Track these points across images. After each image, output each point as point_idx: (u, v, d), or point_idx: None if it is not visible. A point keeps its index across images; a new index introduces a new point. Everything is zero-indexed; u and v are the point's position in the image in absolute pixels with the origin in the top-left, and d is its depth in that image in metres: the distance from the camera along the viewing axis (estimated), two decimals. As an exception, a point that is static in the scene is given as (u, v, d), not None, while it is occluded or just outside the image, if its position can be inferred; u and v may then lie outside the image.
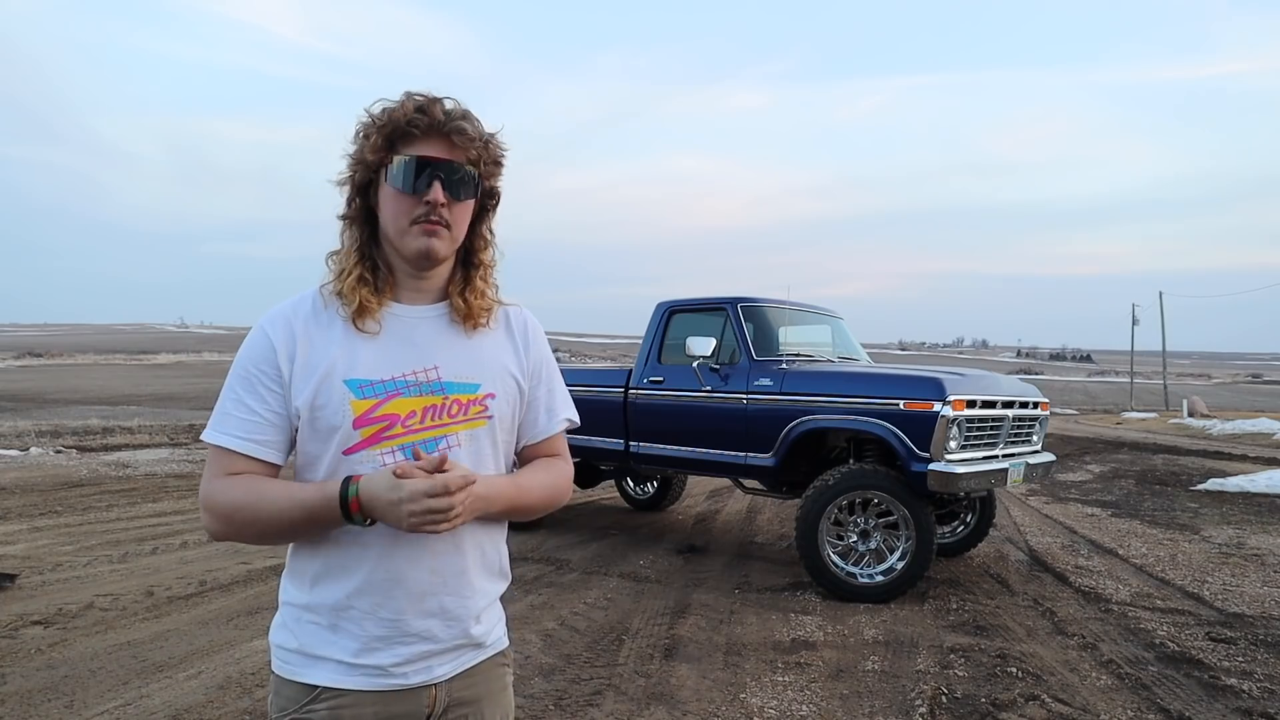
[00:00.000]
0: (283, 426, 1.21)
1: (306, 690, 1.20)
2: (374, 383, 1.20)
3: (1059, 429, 20.19)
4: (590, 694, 3.51)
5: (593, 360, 44.92)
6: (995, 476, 5.14)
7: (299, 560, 1.24)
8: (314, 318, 1.23)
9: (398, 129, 1.18)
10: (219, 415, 1.21)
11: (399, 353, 1.23)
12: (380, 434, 1.20)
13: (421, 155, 1.18)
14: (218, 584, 5.18)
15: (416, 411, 1.22)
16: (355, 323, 1.21)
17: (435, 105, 1.19)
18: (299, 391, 1.19)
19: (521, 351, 1.35)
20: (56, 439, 13.74)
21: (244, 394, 1.20)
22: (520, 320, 1.38)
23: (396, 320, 1.25)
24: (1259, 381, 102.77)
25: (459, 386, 1.25)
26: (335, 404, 1.18)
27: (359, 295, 1.21)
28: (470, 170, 1.22)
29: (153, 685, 3.50)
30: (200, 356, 79.70)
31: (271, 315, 1.23)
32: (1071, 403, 41.74)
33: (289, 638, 1.23)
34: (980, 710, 3.39)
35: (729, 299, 6.18)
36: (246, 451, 1.19)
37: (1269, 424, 19.52)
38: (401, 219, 1.20)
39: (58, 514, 7.48)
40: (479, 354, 1.29)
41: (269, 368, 1.20)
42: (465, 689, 1.29)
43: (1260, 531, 7.41)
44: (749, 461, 5.78)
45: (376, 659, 1.21)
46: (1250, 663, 3.99)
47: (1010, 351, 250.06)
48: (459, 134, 1.19)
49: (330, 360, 1.20)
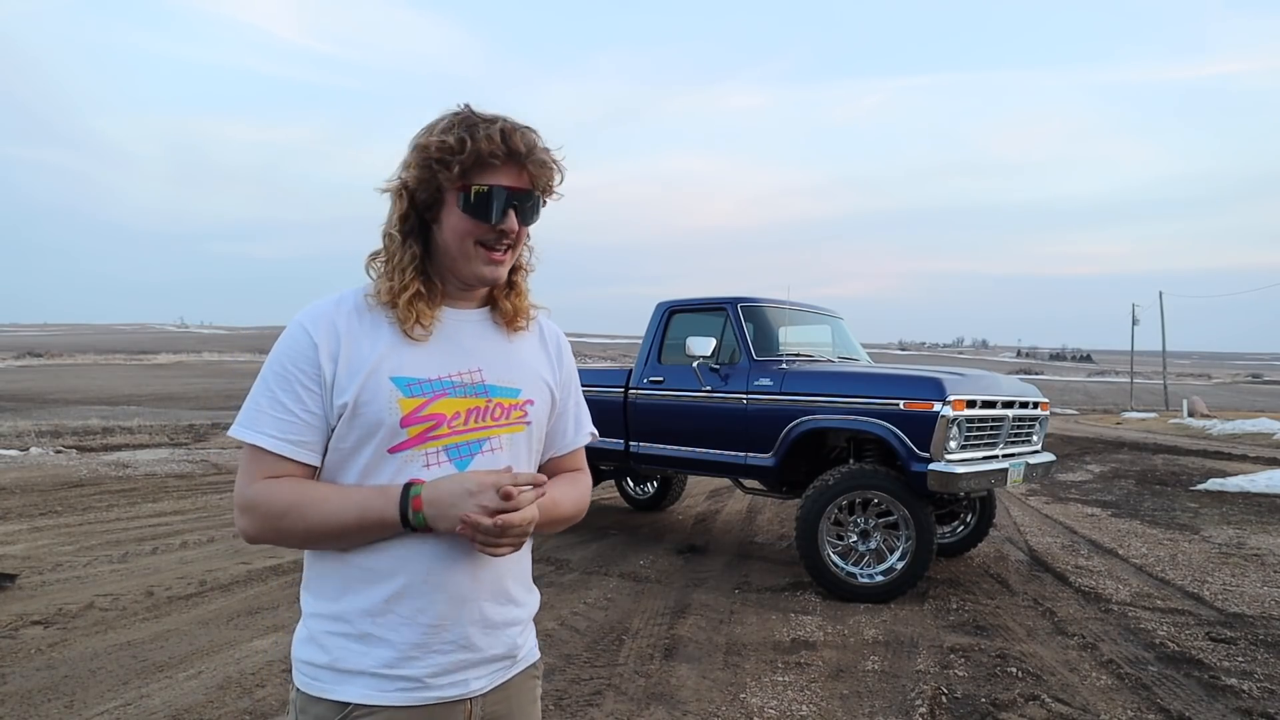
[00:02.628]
0: (319, 428, 1.19)
1: (337, 708, 1.16)
2: (421, 381, 1.19)
3: (1059, 429, 20.19)
4: (590, 694, 3.51)
5: (593, 360, 44.87)
6: (995, 476, 5.14)
7: (327, 565, 1.20)
8: (358, 317, 1.21)
9: (480, 159, 1.16)
10: (252, 413, 1.18)
11: (446, 354, 1.23)
12: (427, 433, 1.18)
13: (500, 185, 1.18)
14: (218, 584, 5.18)
15: (461, 413, 1.21)
16: (404, 328, 1.20)
17: (516, 136, 1.17)
18: (343, 389, 1.17)
19: (555, 363, 1.37)
20: (56, 439, 13.75)
21: (280, 392, 1.17)
22: (553, 333, 1.40)
23: (444, 323, 1.25)
24: (1259, 381, 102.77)
25: (502, 390, 1.26)
26: (382, 401, 1.16)
27: (415, 310, 1.20)
28: (539, 196, 1.22)
29: (153, 685, 3.50)
30: (200, 356, 79.71)
31: (313, 314, 1.20)
32: (1071, 403, 41.75)
33: (317, 652, 1.19)
34: (980, 710, 3.39)
35: (729, 299, 6.18)
36: (283, 453, 1.16)
37: (1269, 424, 19.52)
38: (467, 241, 1.20)
39: (58, 514, 7.48)
40: (519, 359, 1.30)
41: (309, 367, 1.17)
42: (498, 703, 1.26)
43: (1260, 531, 7.41)
44: (749, 461, 5.78)
45: (412, 669, 1.17)
46: (1250, 663, 3.99)
47: (1010, 351, 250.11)
48: (538, 165, 1.19)
49: (377, 357, 1.18)
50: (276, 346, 1.21)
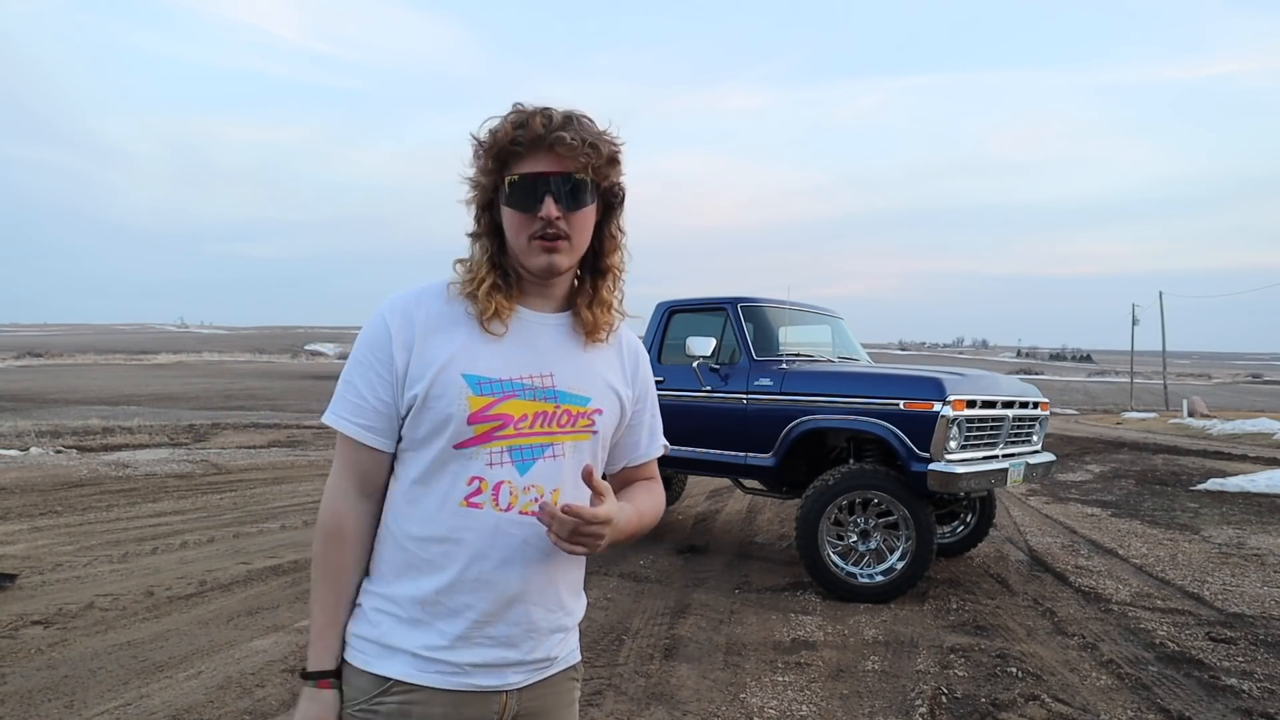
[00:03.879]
0: (388, 415, 1.22)
1: (378, 682, 1.20)
2: (492, 380, 1.21)
3: (1059, 429, 20.18)
4: (590, 694, 3.51)
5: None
6: (995, 476, 5.14)
7: (386, 549, 1.24)
8: (438, 309, 1.23)
9: (503, 150, 1.17)
10: (336, 398, 1.24)
11: (519, 355, 1.24)
12: (492, 432, 1.20)
13: (529, 172, 1.17)
14: (218, 584, 5.18)
15: (528, 415, 1.22)
16: (483, 323, 1.22)
17: (534, 119, 1.16)
18: (415, 380, 1.19)
19: (630, 374, 1.37)
20: (56, 439, 13.74)
21: (356, 378, 1.22)
22: (631, 345, 1.40)
23: (521, 324, 1.26)
24: (1259, 381, 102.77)
25: (571, 397, 1.26)
26: (452, 395, 1.19)
27: (494, 301, 1.22)
28: (582, 178, 1.19)
29: (153, 685, 3.50)
30: (200, 356, 79.73)
31: (392, 303, 1.24)
32: (1071, 403, 41.75)
33: (367, 627, 1.23)
34: (980, 710, 3.40)
35: (729, 299, 6.18)
36: (351, 434, 1.21)
37: (1269, 424, 19.52)
38: (521, 236, 1.20)
39: (58, 514, 7.48)
40: (592, 368, 1.30)
41: (383, 354, 1.21)
42: (534, 699, 1.28)
43: (1260, 531, 7.41)
44: (749, 461, 5.78)
45: (453, 656, 1.20)
46: (1250, 663, 3.99)
47: (1010, 351, 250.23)
48: (562, 144, 1.16)
49: (451, 352, 1.20)
50: (360, 334, 1.25)
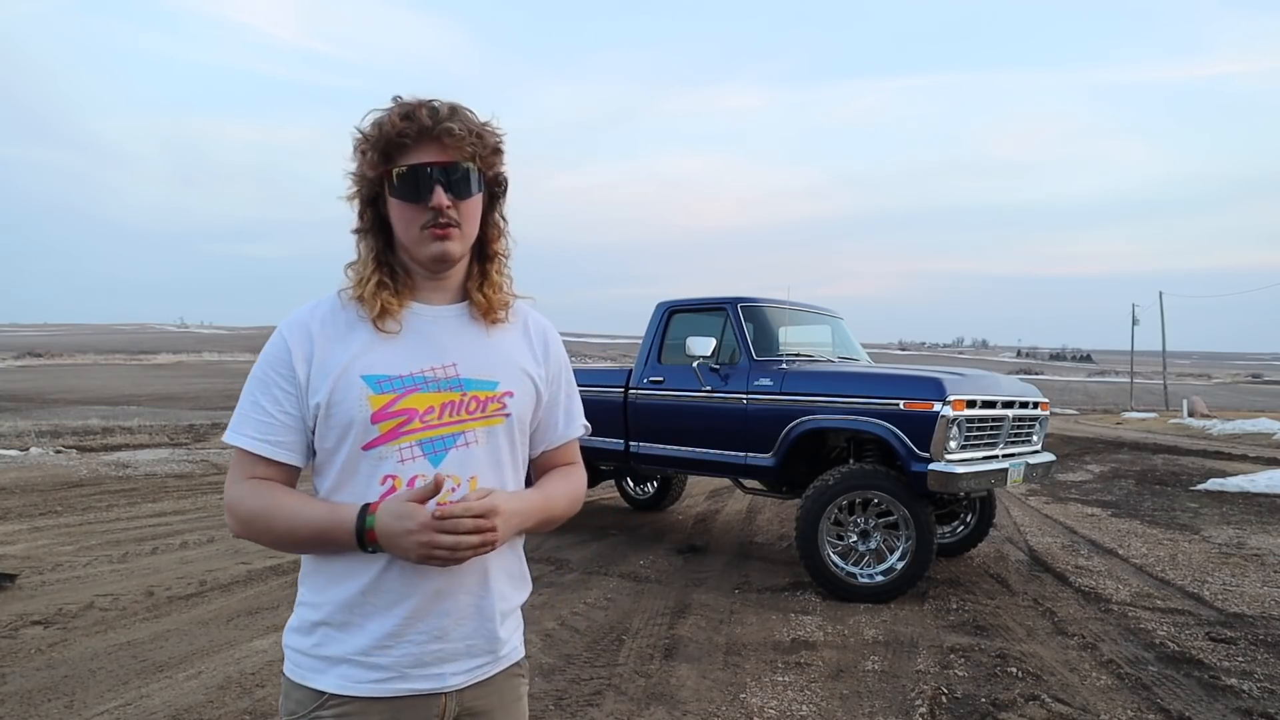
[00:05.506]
0: (297, 428, 1.23)
1: (314, 696, 1.21)
2: (391, 378, 1.22)
3: (1059, 429, 20.18)
4: (590, 694, 3.51)
5: (593, 360, 44.90)
6: (995, 476, 5.14)
7: (316, 559, 1.25)
8: (332, 319, 1.25)
9: (390, 142, 1.18)
10: (237, 417, 1.24)
11: (418, 349, 1.25)
12: (398, 429, 1.21)
13: (417, 163, 1.19)
14: (218, 584, 5.18)
15: (435, 407, 1.23)
16: (376, 324, 1.23)
17: (420, 110, 1.18)
18: (316, 389, 1.21)
19: (540, 356, 1.37)
20: (56, 439, 13.74)
21: (260, 396, 1.23)
22: (539, 326, 1.40)
23: (417, 319, 1.27)
24: (1259, 381, 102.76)
25: (477, 383, 1.27)
26: (353, 398, 1.20)
27: (380, 299, 1.23)
28: (469, 166, 1.21)
29: (153, 685, 3.50)
30: (200, 356, 79.73)
31: (289, 320, 1.26)
32: (1071, 403, 41.74)
33: (302, 639, 1.24)
34: (980, 710, 3.39)
35: (729, 299, 6.18)
36: (261, 453, 1.21)
37: (1269, 424, 19.51)
38: (412, 227, 1.21)
39: (58, 514, 7.48)
40: (497, 352, 1.30)
41: (284, 369, 1.22)
42: (477, 699, 1.27)
43: (1260, 531, 7.41)
44: (749, 461, 5.77)
45: (385, 658, 1.20)
46: (1250, 663, 3.99)
47: (1010, 351, 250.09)
48: (449, 135, 1.19)
49: (348, 356, 1.21)
50: (260, 354, 1.26)
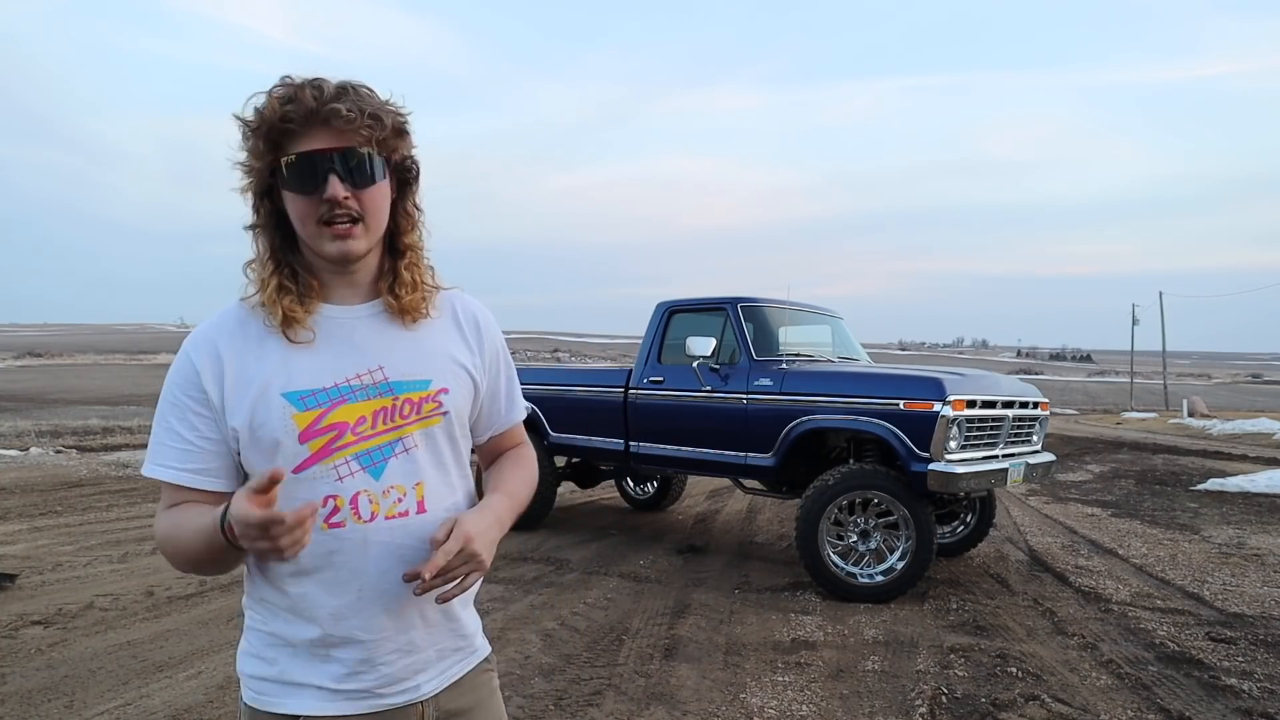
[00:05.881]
0: (219, 452, 1.13)
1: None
2: (315, 392, 1.11)
3: (1059, 429, 20.18)
4: (590, 694, 3.51)
5: (593, 360, 44.87)
6: (995, 476, 5.14)
7: (262, 590, 1.16)
8: (240, 332, 1.13)
9: (274, 128, 1.05)
10: (153, 446, 1.14)
11: (339, 357, 1.14)
12: (330, 445, 1.11)
13: (305, 150, 1.06)
14: (218, 584, 5.18)
15: (366, 417, 1.13)
16: (285, 333, 1.12)
17: (303, 91, 1.04)
18: (233, 412, 1.10)
19: (473, 344, 1.27)
20: (56, 439, 13.74)
21: (174, 422, 1.12)
22: (468, 312, 1.29)
23: (331, 323, 1.16)
24: (1259, 381, 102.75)
25: (408, 385, 1.17)
26: (276, 420, 1.09)
27: (281, 306, 1.11)
28: (367, 152, 1.08)
29: (153, 685, 3.50)
30: (200, 356, 79.70)
31: (194, 336, 1.14)
32: (1071, 403, 41.74)
33: (263, 666, 1.16)
34: (980, 710, 3.39)
35: (729, 299, 6.18)
36: (183, 482, 1.12)
37: (1269, 424, 19.51)
38: (308, 222, 1.09)
39: (58, 514, 7.48)
40: (425, 348, 1.20)
41: (195, 391, 1.11)
42: (453, 700, 1.23)
43: (1260, 531, 7.41)
44: (749, 461, 5.77)
45: (361, 683, 1.14)
46: (1250, 663, 3.99)
47: (1010, 351, 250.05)
48: (337, 117, 1.05)
49: (265, 375, 1.10)
50: (168, 375, 1.15)
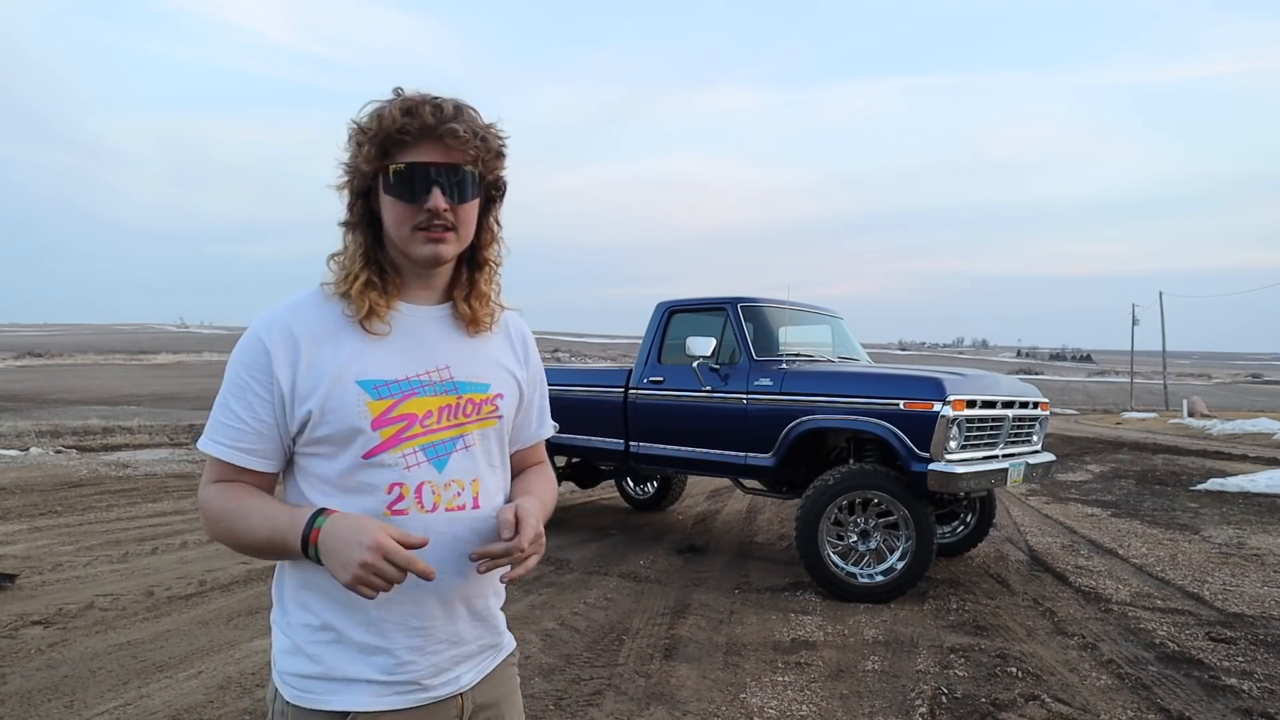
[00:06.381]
0: (271, 435, 1.17)
1: (335, 718, 1.16)
2: (389, 382, 1.17)
3: (1059, 429, 20.19)
4: (590, 694, 3.51)
5: (593, 360, 44.87)
6: (995, 476, 5.14)
7: (313, 577, 1.17)
8: (317, 320, 1.18)
9: (390, 137, 1.13)
10: (211, 422, 1.18)
11: (412, 352, 1.21)
12: (400, 434, 1.17)
13: (416, 162, 1.13)
14: (218, 584, 5.18)
15: (433, 411, 1.20)
16: (364, 325, 1.18)
17: (424, 107, 1.12)
18: (305, 398, 1.14)
19: (521, 358, 1.36)
20: (56, 439, 13.74)
21: (233, 401, 1.16)
22: (519, 329, 1.38)
23: (405, 319, 1.22)
24: (1259, 381, 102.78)
25: (471, 386, 1.24)
26: (350, 406, 1.15)
27: (368, 299, 1.17)
28: (470, 170, 1.16)
29: (153, 685, 3.50)
30: (200, 356, 79.72)
31: (267, 319, 1.17)
32: (1071, 403, 41.75)
33: (307, 663, 1.17)
34: (980, 710, 3.39)
35: (729, 299, 6.18)
36: (232, 460, 1.16)
37: (1269, 424, 19.51)
38: (404, 226, 1.16)
39: (58, 514, 7.48)
40: (485, 355, 1.29)
41: (262, 375, 1.15)
42: (486, 693, 1.29)
43: (1260, 531, 7.41)
44: (749, 461, 5.77)
45: (410, 673, 1.18)
46: (1250, 663, 3.99)
47: (1010, 351, 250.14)
48: (452, 136, 1.13)
49: (341, 362, 1.16)
50: (233, 354, 1.19)
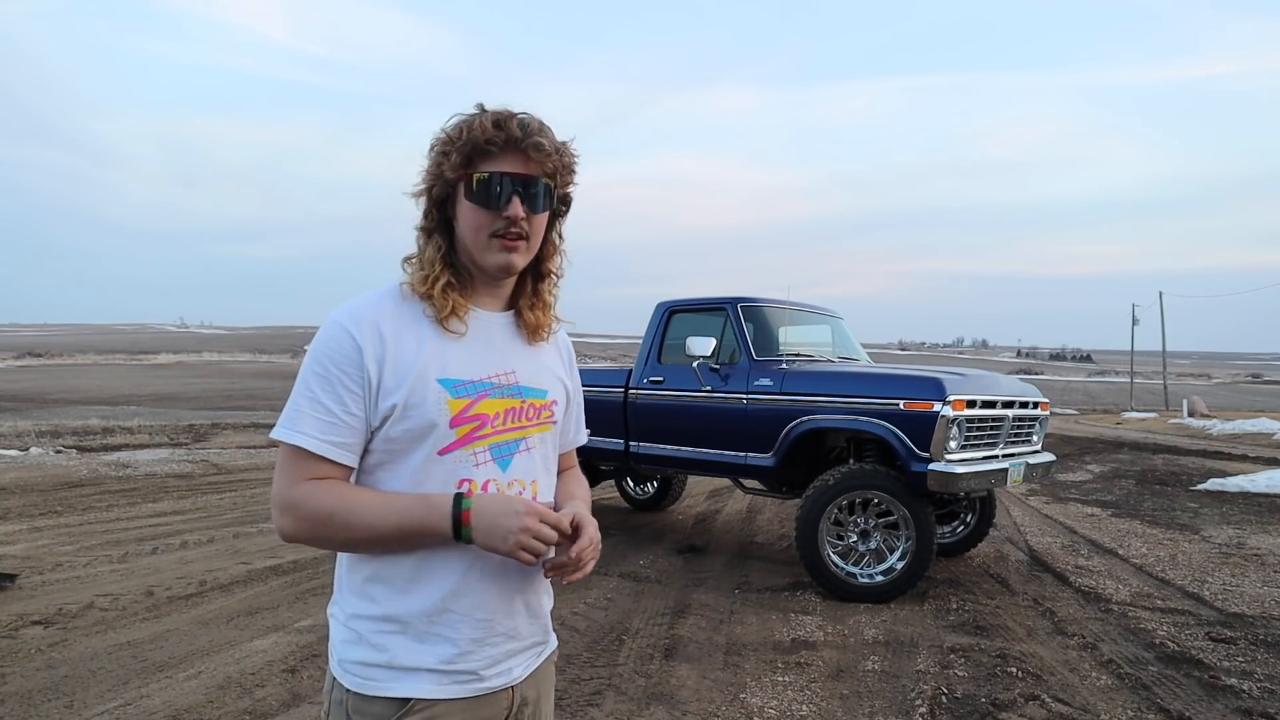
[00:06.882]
0: (359, 429, 1.20)
1: (397, 705, 1.19)
2: (466, 383, 1.23)
3: (1059, 429, 20.19)
4: (590, 694, 3.51)
5: (593, 360, 44.90)
6: (995, 476, 5.14)
7: (380, 569, 1.22)
8: (399, 317, 1.23)
9: (476, 147, 1.19)
10: (293, 414, 1.18)
11: (484, 355, 1.27)
12: (473, 433, 1.23)
13: (499, 171, 1.20)
14: (218, 584, 5.18)
15: (501, 413, 1.26)
16: (444, 324, 1.24)
17: (511, 121, 1.20)
18: (390, 392, 1.18)
19: (568, 369, 1.45)
20: (56, 439, 13.75)
21: (321, 393, 1.18)
22: (565, 344, 1.46)
23: (478, 323, 1.28)
24: (1259, 381, 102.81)
25: (533, 391, 1.31)
26: (431, 403, 1.20)
27: (450, 299, 1.23)
28: (545, 182, 1.24)
29: (153, 685, 3.50)
30: (200, 356, 79.77)
31: (354, 314, 1.21)
32: (1071, 403, 41.76)
33: (370, 652, 1.21)
34: (980, 710, 3.39)
35: (729, 299, 6.18)
36: (324, 454, 1.17)
37: (1269, 424, 19.51)
38: (481, 233, 1.23)
39: (58, 514, 7.48)
40: (543, 363, 1.36)
41: (353, 369, 1.18)
42: (530, 687, 1.33)
43: (1260, 531, 7.41)
44: (749, 461, 5.77)
45: (469, 664, 1.22)
46: (1250, 663, 3.99)
47: (1010, 351, 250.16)
48: (536, 150, 1.20)
49: (423, 360, 1.21)
50: (316, 346, 1.20)
